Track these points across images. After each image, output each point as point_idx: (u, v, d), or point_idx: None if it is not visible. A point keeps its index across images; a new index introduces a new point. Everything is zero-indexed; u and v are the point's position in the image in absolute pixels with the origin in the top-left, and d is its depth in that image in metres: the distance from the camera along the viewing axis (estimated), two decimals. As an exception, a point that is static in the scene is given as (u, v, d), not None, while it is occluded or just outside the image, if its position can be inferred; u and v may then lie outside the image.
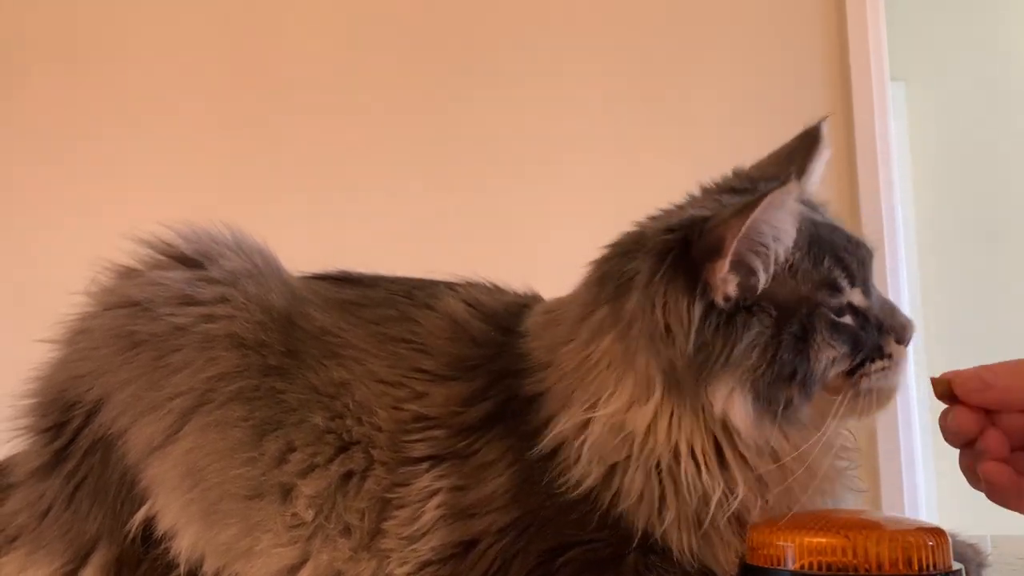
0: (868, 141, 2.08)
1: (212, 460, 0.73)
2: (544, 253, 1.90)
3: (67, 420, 0.79)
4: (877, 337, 0.68)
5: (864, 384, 0.67)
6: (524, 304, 0.81)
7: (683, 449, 0.66)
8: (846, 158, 2.08)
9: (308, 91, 2.31)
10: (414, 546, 0.69)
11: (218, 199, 2.25)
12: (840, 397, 0.66)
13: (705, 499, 0.65)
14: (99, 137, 2.36)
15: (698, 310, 0.65)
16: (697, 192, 0.77)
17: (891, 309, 0.70)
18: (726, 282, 0.66)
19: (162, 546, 0.76)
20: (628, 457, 0.67)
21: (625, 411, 0.67)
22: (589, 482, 0.67)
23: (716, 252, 0.65)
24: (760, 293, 0.66)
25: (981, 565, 0.71)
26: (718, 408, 0.65)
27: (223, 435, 0.73)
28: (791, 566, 0.55)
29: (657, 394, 0.66)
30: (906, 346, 0.69)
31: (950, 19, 3.27)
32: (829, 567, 0.54)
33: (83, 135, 2.37)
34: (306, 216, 2.21)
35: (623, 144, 2.17)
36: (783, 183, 0.64)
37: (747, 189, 0.74)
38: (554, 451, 0.68)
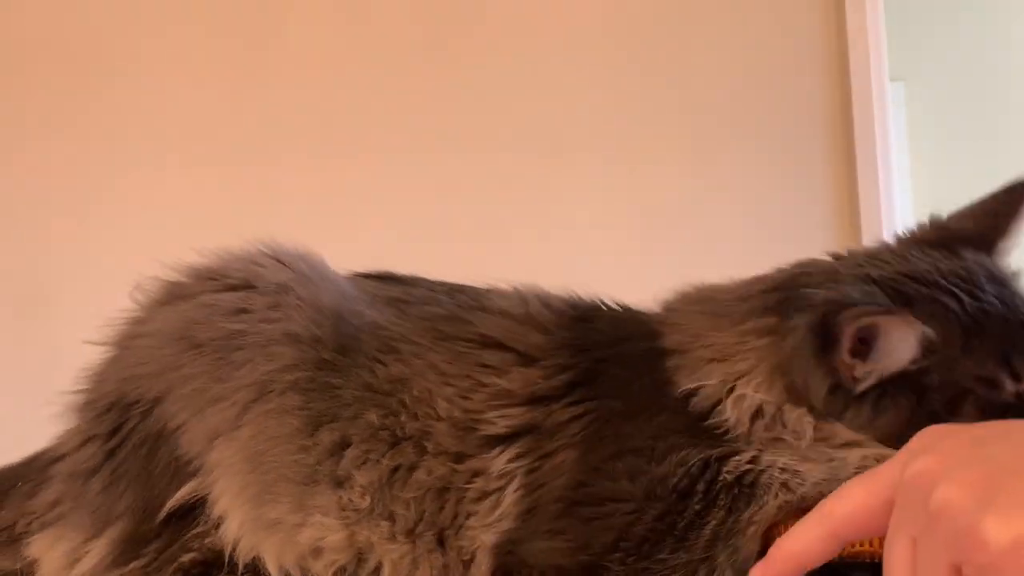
0: (868, 141, 2.09)
1: (271, 445, 0.77)
2: (542, 253, 1.92)
3: (124, 421, 0.82)
4: None
5: None
6: (587, 302, 0.84)
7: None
8: (846, 158, 2.09)
9: (310, 93, 2.32)
10: (495, 526, 0.73)
11: (219, 201, 2.27)
12: None
13: None
14: (103, 139, 2.36)
15: (826, 385, 0.68)
16: (892, 242, 0.76)
17: None
18: (851, 367, 0.66)
19: (193, 528, 0.78)
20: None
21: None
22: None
23: (835, 342, 0.66)
24: (897, 379, 0.66)
25: None
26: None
27: (281, 422, 0.77)
28: None
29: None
30: None
31: (950, 19, 3.28)
32: (841, 557, 0.56)
33: (91, 138, 2.37)
34: (310, 217, 2.22)
35: (622, 144, 2.18)
36: (905, 315, 0.64)
37: (942, 243, 0.72)
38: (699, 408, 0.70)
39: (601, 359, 0.76)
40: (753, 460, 0.68)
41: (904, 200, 2.90)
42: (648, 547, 0.66)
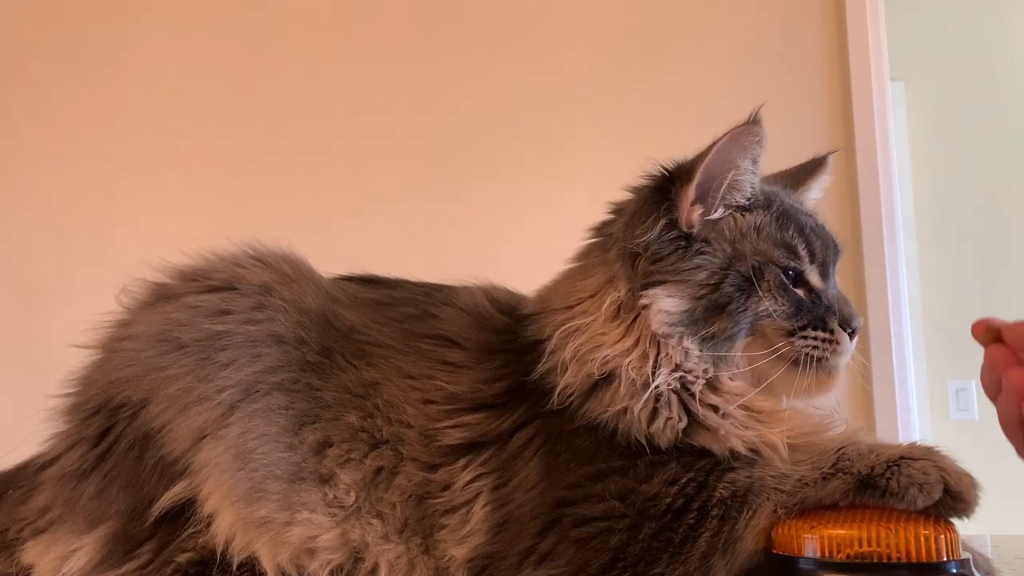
0: (868, 141, 2.09)
1: (260, 443, 0.78)
2: (535, 253, 1.91)
3: (113, 424, 0.82)
4: (824, 313, 0.75)
5: (801, 344, 0.73)
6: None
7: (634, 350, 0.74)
8: (846, 158, 2.08)
9: (306, 92, 2.32)
10: (467, 541, 0.74)
11: (213, 199, 2.27)
12: (774, 349, 0.73)
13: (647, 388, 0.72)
14: (107, 144, 2.36)
15: (661, 225, 0.76)
16: None
17: (844, 300, 0.78)
18: (691, 211, 0.76)
19: (187, 529, 0.78)
20: (605, 371, 0.74)
21: (602, 322, 0.75)
22: (578, 399, 0.73)
23: (687, 177, 0.75)
24: (721, 231, 0.76)
25: (990, 574, 0.73)
26: (647, 301, 0.74)
27: (268, 421, 0.78)
28: (814, 555, 0.60)
29: (620, 302, 0.75)
30: (850, 335, 0.76)
31: (950, 19, 3.28)
32: (849, 556, 0.59)
33: (91, 142, 2.37)
34: (302, 215, 2.22)
35: (621, 144, 2.18)
36: (746, 122, 0.74)
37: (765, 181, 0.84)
38: (557, 392, 0.74)
39: (528, 371, 0.77)
40: (748, 475, 0.69)
41: (904, 200, 2.90)
42: (644, 564, 0.66)
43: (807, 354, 0.73)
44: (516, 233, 2.16)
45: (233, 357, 0.79)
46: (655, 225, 0.75)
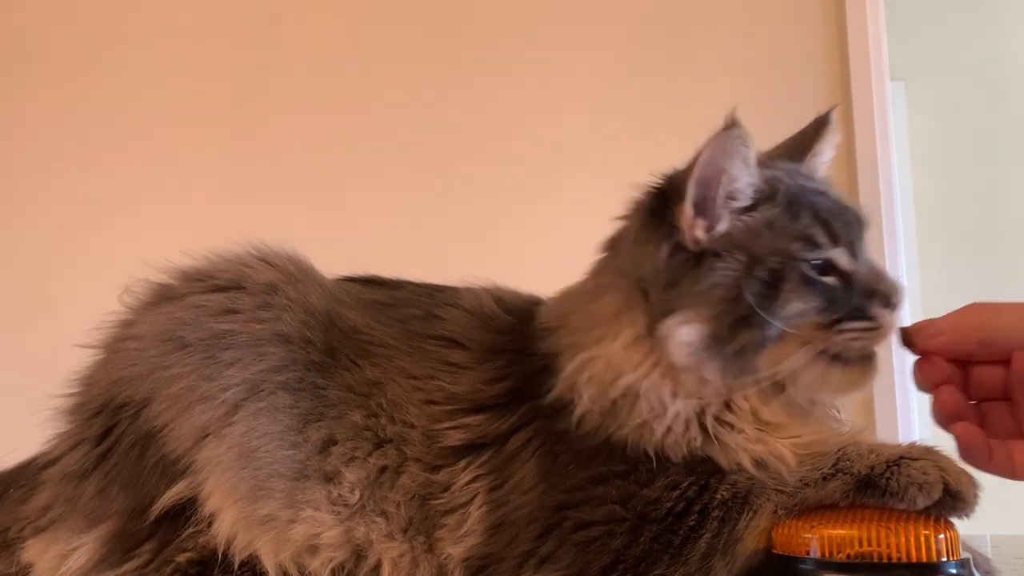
0: (868, 140, 2.09)
1: (264, 442, 0.77)
2: (535, 253, 1.91)
3: (115, 424, 0.82)
4: (861, 300, 0.70)
5: (839, 339, 0.69)
6: (539, 302, 0.85)
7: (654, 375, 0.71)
8: (846, 157, 2.08)
9: (307, 92, 2.32)
10: (463, 541, 0.74)
11: (213, 200, 2.27)
12: (810, 347, 0.69)
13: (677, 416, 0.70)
14: (107, 144, 2.37)
15: (667, 250, 0.72)
16: None
17: (879, 274, 0.73)
18: (693, 226, 0.72)
19: (187, 528, 0.78)
20: (625, 393, 0.72)
21: (621, 351, 0.73)
22: (594, 421, 0.72)
23: (679, 197, 0.72)
24: (731, 239, 0.72)
25: (989, 574, 0.73)
26: (664, 332, 0.70)
27: (272, 419, 0.78)
28: (814, 555, 0.60)
29: (639, 335, 0.72)
30: (893, 310, 0.71)
31: (950, 19, 3.28)
32: (849, 556, 0.59)
33: (89, 140, 2.37)
34: (303, 216, 2.22)
35: (620, 143, 2.18)
36: (724, 127, 0.71)
37: (767, 157, 0.80)
38: (575, 418, 0.72)
39: (531, 372, 0.76)
40: (749, 477, 0.69)
41: (904, 199, 2.90)
42: (644, 566, 0.66)
43: (848, 347, 0.70)
44: (516, 233, 2.16)
45: (238, 356, 0.79)
46: (659, 253, 0.72)
